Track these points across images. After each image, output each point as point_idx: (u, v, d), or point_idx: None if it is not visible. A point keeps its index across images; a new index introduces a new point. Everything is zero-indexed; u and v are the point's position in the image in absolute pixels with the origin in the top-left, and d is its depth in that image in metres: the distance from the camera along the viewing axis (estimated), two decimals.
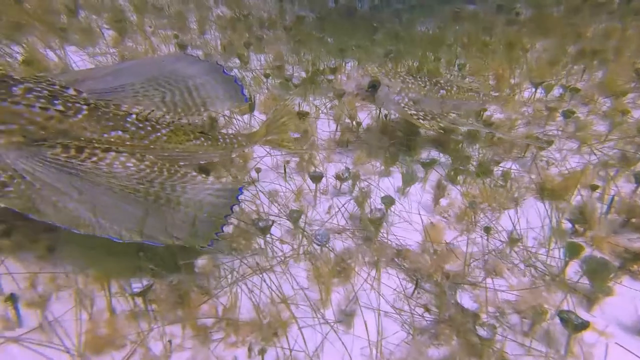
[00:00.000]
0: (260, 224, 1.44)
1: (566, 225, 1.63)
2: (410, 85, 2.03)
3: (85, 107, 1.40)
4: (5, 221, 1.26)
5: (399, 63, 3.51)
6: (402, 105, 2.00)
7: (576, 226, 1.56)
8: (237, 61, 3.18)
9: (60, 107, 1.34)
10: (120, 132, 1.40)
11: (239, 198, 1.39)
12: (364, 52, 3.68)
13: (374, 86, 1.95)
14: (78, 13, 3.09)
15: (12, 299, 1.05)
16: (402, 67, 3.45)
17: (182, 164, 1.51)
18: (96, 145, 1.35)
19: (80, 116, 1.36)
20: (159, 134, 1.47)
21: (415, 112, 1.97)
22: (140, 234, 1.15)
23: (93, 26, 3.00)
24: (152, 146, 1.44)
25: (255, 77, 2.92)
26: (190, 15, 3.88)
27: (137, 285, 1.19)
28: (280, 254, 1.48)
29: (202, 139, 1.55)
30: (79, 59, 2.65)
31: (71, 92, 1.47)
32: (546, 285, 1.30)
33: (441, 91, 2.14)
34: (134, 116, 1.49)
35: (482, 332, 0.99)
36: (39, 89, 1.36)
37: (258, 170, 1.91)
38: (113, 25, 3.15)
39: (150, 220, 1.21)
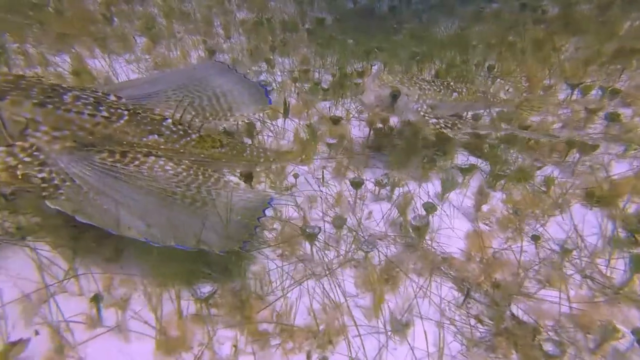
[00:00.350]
0: (308, 230, 1.45)
1: (623, 234, 1.57)
2: (427, 92, 2.00)
3: (126, 112, 1.46)
4: (77, 225, 1.31)
5: (426, 66, 3.46)
6: (422, 113, 1.95)
7: (636, 236, 1.50)
8: (265, 65, 3.21)
9: (105, 113, 1.41)
10: (156, 136, 1.45)
11: (271, 203, 1.42)
12: (389, 55, 3.64)
13: (394, 96, 1.89)
14: (113, 21, 3.19)
15: (96, 299, 1.11)
16: (430, 70, 3.40)
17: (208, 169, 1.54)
18: (137, 149, 1.41)
19: (122, 121, 1.42)
20: (188, 138, 1.51)
21: (436, 121, 1.91)
22: (188, 241, 1.17)
23: (127, 34, 3.09)
24: (181, 150, 1.48)
25: (283, 82, 2.95)
26: (215, 20, 3.94)
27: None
28: (325, 260, 1.48)
29: (228, 147, 1.57)
30: (119, 66, 2.73)
31: (112, 98, 1.54)
32: (609, 299, 1.26)
33: (454, 94, 2.11)
34: (169, 120, 1.53)
35: (549, 348, 0.96)
36: (85, 96, 1.43)
37: (296, 176, 1.92)
38: (145, 32, 3.23)
39: (187, 225, 1.24)
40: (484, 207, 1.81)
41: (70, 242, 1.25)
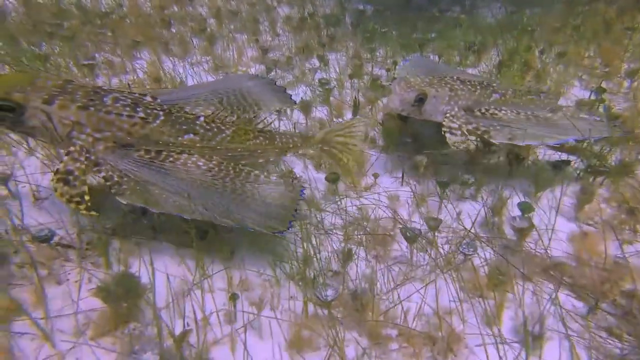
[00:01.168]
0: (409, 233, 1.39)
1: None
2: (459, 93, 1.85)
3: (161, 112, 1.47)
4: (200, 227, 1.35)
5: (484, 56, 3.25)
6: (451, 115, 1.78)
7: None
8: (316, 63, 3.16)
9: (142, 114, 1.42)
10: (192, 135, 1.46)
11: (303, 192, 1.43)
12: (444, 46, 3.46)
13: (420, 99, 1.78)
14: (171, 25, 3.26)
15: (234, 297, 1.15)
16: (491, 60, 3.20)
17: (243, 162, 1.54)
18: (171, 149, 1.42)
19: (158, 122, 1.43)
20: (223, 134, 1.51)
21: (474, 127, 1.72)
22: (234, 219, 1.24)
23: (186, 37, 3.15)
24: (218, 147, 1.48)
25: (340, 79, 2.88)
26: (260, 17, 3.93)
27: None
28: (423, 261, 1.42)
29: (261, 138, 1.56)
30: (184, 69, 2.79)
31: (148, 99, 1.56)
32: None
33: (495, 95, 1.92)
34: (202, 118, 1.53)
35: None
36: (124, 97, 1.46)
37: (376, 176, 1.86)
38: (199, 34, 3.29)
39: (237, 208, 1.28)
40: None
41: (195, 242, 1.29)
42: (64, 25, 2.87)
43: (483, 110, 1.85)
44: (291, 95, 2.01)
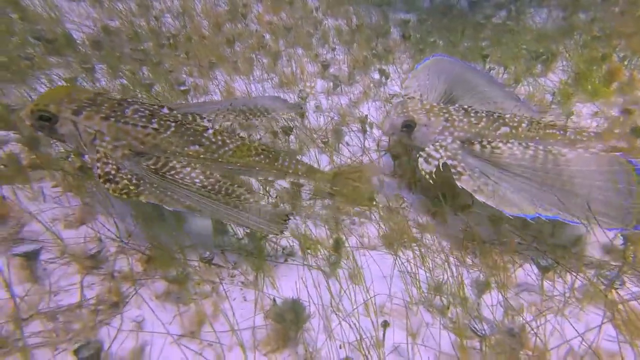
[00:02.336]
0: (542, 262, 1.32)
1: None
2: (456, 123, 1.72)
3: (173, 124, 1.57)
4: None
5: (552, 66, 3.12)
6: (441, 145, 1.65)
7: None
8: (376, 76, 3.15)
9: (155, 125, 1.54)
10: (197, 147, 1.54)
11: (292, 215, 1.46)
12: (505, 57, 3.37)
13: (408, 126, 1.74)
14: (235, 44, 3.36)
15: (385, 325, 1.17)
16: (564, 70, 3.06)
17: (242, 177, 1.57)
18: (177, 158, 1.51)
19: (169, 132, 1.54)
20: (226, 148, 1.58)
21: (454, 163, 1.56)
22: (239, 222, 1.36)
23: (249, 55, 3.23)
24: (220, 160, 1.55)
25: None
26: (312, 29, 3.98)
27: None
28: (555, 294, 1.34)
29: (262, 156, 1.61)
30: (254, 87, 2.87)
31: (165, 111, 1.65)
32: None
33: (503, 128, 1.72)
34: (211, 131, 1.60)
35: None
36: (143, 109, 1.58)
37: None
38: (260, 50, 3.36)
39: (234, 215, 1.39)
40: None
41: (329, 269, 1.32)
42: (144, 48, 3.00)
43: (485, 143, 1.69)
44: (299, 105, 2.21)
